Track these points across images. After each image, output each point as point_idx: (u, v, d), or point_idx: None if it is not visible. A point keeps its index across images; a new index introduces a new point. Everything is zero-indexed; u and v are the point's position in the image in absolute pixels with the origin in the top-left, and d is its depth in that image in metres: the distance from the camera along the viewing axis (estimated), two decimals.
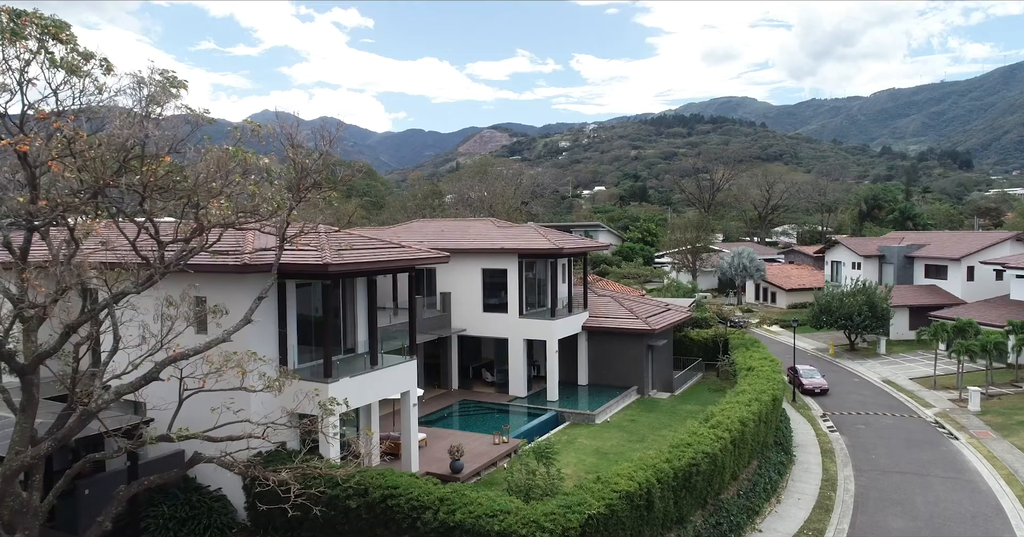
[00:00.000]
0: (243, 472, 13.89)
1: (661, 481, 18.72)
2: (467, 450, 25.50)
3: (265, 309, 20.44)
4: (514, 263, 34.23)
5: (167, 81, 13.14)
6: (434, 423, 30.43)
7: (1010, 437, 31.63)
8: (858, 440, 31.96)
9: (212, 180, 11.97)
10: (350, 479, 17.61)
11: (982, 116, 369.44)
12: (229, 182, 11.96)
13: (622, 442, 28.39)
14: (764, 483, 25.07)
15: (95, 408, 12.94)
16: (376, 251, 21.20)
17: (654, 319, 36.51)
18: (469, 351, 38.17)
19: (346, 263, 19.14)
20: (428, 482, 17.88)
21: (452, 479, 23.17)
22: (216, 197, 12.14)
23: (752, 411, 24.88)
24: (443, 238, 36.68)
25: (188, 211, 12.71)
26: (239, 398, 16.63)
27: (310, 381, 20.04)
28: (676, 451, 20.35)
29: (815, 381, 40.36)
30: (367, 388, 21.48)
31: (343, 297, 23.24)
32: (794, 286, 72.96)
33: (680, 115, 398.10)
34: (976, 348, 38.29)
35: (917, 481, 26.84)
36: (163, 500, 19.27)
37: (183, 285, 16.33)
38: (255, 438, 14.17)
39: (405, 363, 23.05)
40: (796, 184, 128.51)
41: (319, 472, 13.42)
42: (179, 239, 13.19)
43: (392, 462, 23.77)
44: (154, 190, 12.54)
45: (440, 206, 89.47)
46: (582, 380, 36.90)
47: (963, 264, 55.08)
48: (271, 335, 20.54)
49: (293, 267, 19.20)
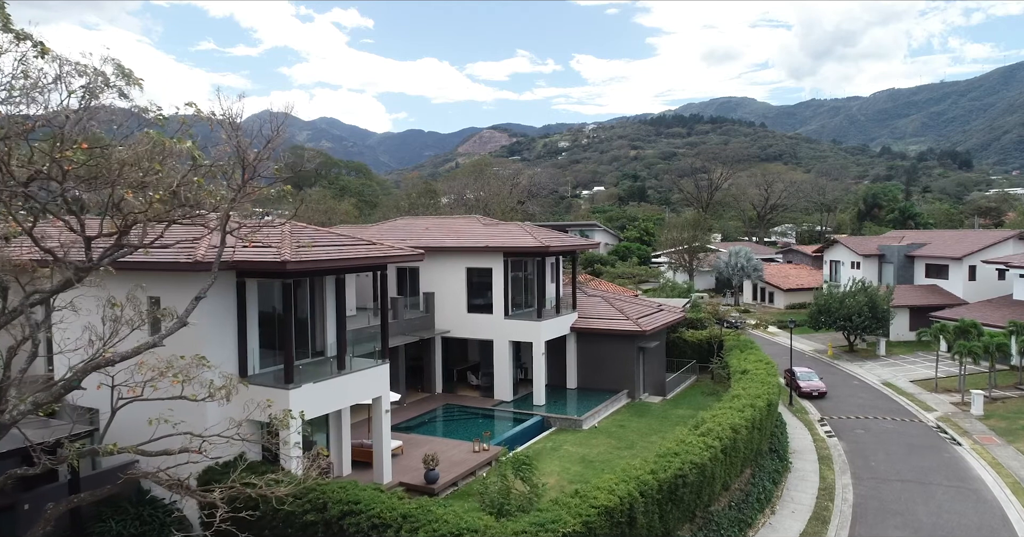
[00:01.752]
0: (178, 490, 12.60)
1: (644, 494, 17.42)
2: (445, 458, 24.25)
3: (223, 311, 19.22)
4: (499, 262, 32.95)
5: (119, 72, 11.90)
6: (414, 429, 29.15)
7: (1015, 443, 30.36)
8: (857, 446, 30.69)
9: (135, 168, 10.66)
10: (307, 493, 16.32)
11: (982, 116, 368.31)
12: (149, 170, 10.65)
13: (609, 449, 27.12)
14: (758, 493, 23.78)
15: (9, 420, 11.64)
16: (342, 248, 19.91)
17: (645, 320, 35.22)
18: (454, 353, 36.91)
19: (306, 261, 17.85)
20: (392, 497, 16.59)
21: (426, 490, 21.93)
22: (138, 188, 10.85)
23: (745, 417, 23.57)
24: (427, 236, 35.45)
25: (111, 204, 11.39)
26: (194, 408, 15.42)
27: (271, 388, 18.76)
28: (662, 461, 19.05)
29: (813, 384, 39.10)
30: (333, 394, 20.19)
31: (311, 297, 21.95)
32: (792, 286, 71.72)
33: (680, 115, 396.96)
34: (979, 349, 37.03)
35: (918, 490, 25.56)
36: (112, 515, 17.99)
37: (133, 285, 15.17)
38: (192, 452, 12.86)
39: (376, 367, 21.74)
40: (795, 183, 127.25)
41: (251, 492, 12.05)
42: (103, 234, 11.89)
43: (364, 472, 22.51)
44: (75, 180, 11.26)
45: (434, 205, 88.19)
46: (571, 383, 35.61)
47: (965, 263, 53.86)
48: (229, 338, 19.26)
49: (249, 265, 17.95)
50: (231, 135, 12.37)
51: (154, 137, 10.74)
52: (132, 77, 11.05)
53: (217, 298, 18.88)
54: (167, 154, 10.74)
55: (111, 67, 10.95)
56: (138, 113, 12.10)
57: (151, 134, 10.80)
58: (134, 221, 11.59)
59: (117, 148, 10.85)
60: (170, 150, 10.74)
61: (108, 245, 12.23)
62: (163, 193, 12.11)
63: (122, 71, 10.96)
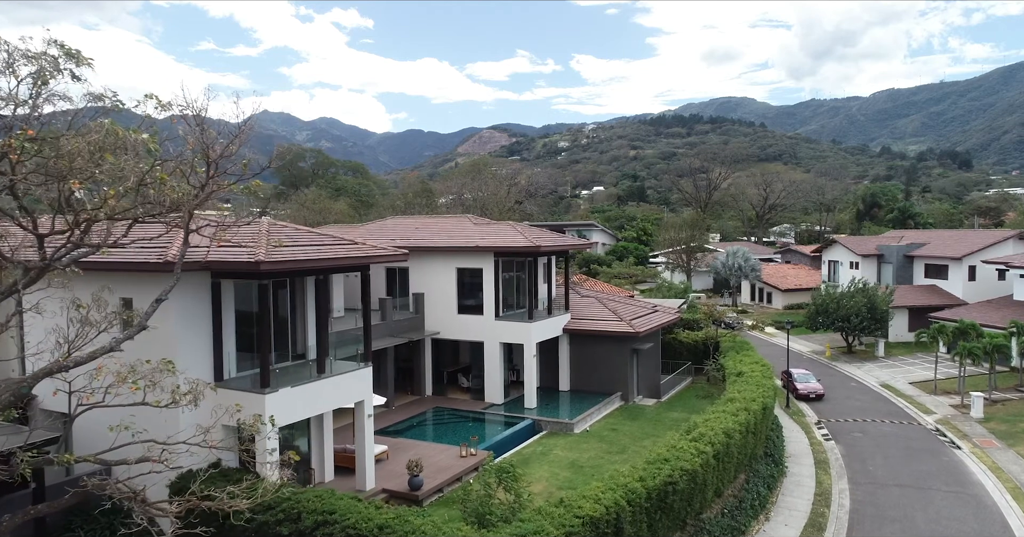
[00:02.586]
0: (133, 502, 11.98)
1: (632, 503, 16.79)
2: (431, 464, 23.63)
3: (198, 313, 18.61)
4: (490, 262, 32.33)
5: (66, 54, 11.28)
6: (402, 433, 28.54)
7: (1016, 446, 29.73)
8: (854, 449, 30.05)
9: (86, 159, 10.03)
10: (281, 503, 15.70)
11: (981, 116, 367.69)
12: (100, 161, 10.02)
13: (600, 454, 26.49)
14: (752, 499, 23.14)
15: None
16: (321, 248, 19.29)
17: (639, 321, 34.60)
18: (445, 355, 36.28)
19: (281, 261, 17.23)
20: (370, 506, 15.96)
21: (410, 497, 21.33)
22: (87, 180, 10.22)
23: (739, 421, 22.93)
24: (417, 236, 34.84)
25: (62, 199, 10.77)
26: (167, 414, 14.84)
27: (246, 392, 18.15)
28: (651, 468, 18.42)
29: (810, 386, 38.45)
30: (313, 398, 19.56)
31: (291, 298, 21.35)
32: (791, 286, 71.10)
33: (679, 115, 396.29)
34: (979, 351, 36.40)
35: (917, 495, 24.93)
36: (81, 524, 17.39)
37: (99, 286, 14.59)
38: (152, 461, 12.23)
39: (358, 370, 21.11)
40: (794, 183, 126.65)
41: (209, 506, 11.42)
42: (55, 232, 11.26)
43: (347, 478, 21.90)
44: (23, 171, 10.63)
45: (430, 205, 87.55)
46: (563, 386, 34.99)
47: (964, 263, 53.24)
48: (204, 341, 18.64)
49: (223, 265, 17.33)
50: (193, 129, 11.71)
51: (107, 126, 10.10)
52: (81, 57, 10.42)
53: (191, 299, 18.29)
54: (119, 145, 10.09)
55: (56, 49, 10.32)
56: (93, 101, 11.46)
57: (103, 123, 10.16)
58: (88, 219, 10.94)
59: (67, 138, 10.19)
60: (124, 140, 10.10)
61: (61, 244, 11.56)
62: (123, 189, 11.51)
63: (68, 53, 10.33)
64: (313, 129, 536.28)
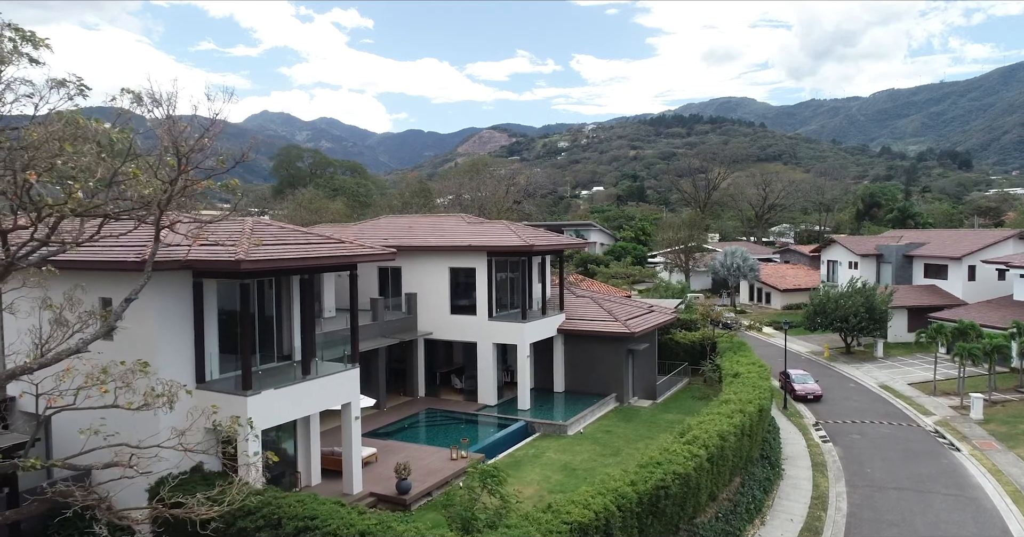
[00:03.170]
0: (99, 510, 11.56)
1: (623, 508, 16.38)
2: (421, 466, 23.21)
3: (179, 313, 18.18)
4: (483, 261, 31.91)
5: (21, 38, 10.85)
6: (393, 435, 28.12)
7: (1016, 448, 29.30)
8: (852, 451, 29.63)
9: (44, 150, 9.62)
10: (261, 508, 15.28)
11: (981, 116, 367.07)
12: (59, 152, 9.60)
13: (594, 456, 26.07)
14: (747, 503, 22.71)
15: None
16: (306, 247, 18.87)
17: (634, 321, 34.16)
18: (438, 356, 35.87)
19: (264, 260, 16.81)
20: (353, 512, 15.54)
21: (398, 501, 20.91)
22: (47, 170, 9.80)
23: (734, 424, 22.50)
24: (409, 235, 34.42)
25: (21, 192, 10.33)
26: (147, 417, 14.42)
27: (228, 394, 17.72)
28: (643, 472, 17.99)
29: (808, 387, 38.04)
30: (297, 400, 19.13)
31: (277, 298, 20.93)
32: (789, 286, 70.67)
33: (679, 115, 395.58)
34: (978, 351, 35.97)
35: (916, 499, 24.50)
36: (58, 529, 16.92)
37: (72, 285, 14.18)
38: (121, 466, 11.82)
39: (345, 372, 20.69)
40: (794, 183, 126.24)
41: (175, 514, 11.00)
42: (18, 227, 10.84)
43: (335, 481, 21.47)
44: None
45: (428, 205, 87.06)
46: (558, 387, 34.56)
47: (964, 263, 52.81)
48: (185, 342, 18.20)
49: (204, 264, 16.91)
50: (163, 123, 11.30)
51: (66, 115, 9.68)
52: (37, 40, 9.98)
53: (171, 299, 17.87)
54: (79, 135, 9.66)
55: (11, 32, 9.87)
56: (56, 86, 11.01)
57: (63, 113, 9.74)
58: (51, 214, 10.52)
59: (26, 128, 9.77)
60: (85, 130, 9.67)
61: (25, 241, 11.14)
62: (92, 184, 11.09)
63: (23, 35, 9.89)
64: (313, 129, 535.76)
